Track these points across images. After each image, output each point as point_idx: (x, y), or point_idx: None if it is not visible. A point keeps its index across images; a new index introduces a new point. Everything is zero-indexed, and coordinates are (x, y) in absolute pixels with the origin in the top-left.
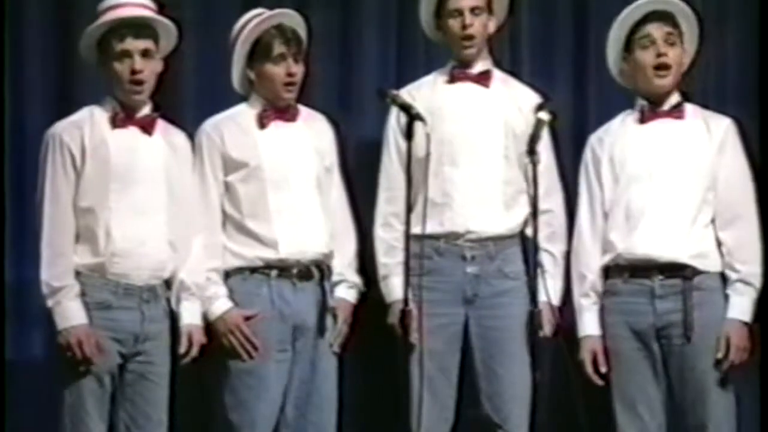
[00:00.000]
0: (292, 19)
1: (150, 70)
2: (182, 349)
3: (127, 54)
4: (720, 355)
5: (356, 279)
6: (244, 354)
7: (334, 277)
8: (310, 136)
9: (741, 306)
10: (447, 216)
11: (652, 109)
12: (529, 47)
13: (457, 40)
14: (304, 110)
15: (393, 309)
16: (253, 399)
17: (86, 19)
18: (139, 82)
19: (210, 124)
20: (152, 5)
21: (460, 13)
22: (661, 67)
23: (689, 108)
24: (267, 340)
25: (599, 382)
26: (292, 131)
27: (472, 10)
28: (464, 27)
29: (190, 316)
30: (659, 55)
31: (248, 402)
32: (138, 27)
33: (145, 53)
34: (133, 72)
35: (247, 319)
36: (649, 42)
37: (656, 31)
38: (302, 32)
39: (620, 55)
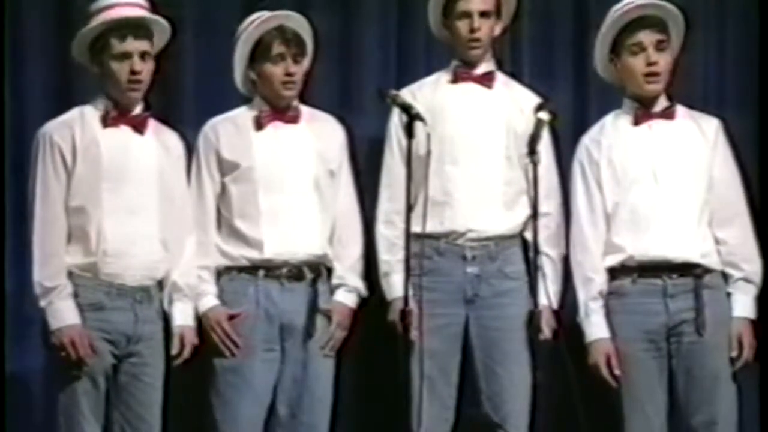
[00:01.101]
0: (295, 21)
1: (147, 70)
2: (174, 351)
3: (127, 55)
4: (735, 354)
5: (357, 283)
6: (225, 351)
7: (335, 280)
8: (312, 138)
9: (747, 304)
10: (447, 215)
11: (644, 110)
12: (529, 48)
13: (463, 42)
14: (309, 112)
15: (393, 306)
16: (236, 397)
17: (86, 17)
18: (137, 82)
19: (209, 125)
20: (146, 4)
21: (468, 15)
22: (652, 75)
23: (679, 109)
24: (251, 339)
25: (614, 384)
26: (292, 133)
27: (482, 13)
28: (472, 30)
29: (182, 317)
30: (650, 63)
31: (231, 400)
32: (137, 27)
33: (143, 55)
34: (133, 72)
35: (232, 317)
36: (639, 49)
37: (647, 38)
38: (306, 34)
39: (607, 57)
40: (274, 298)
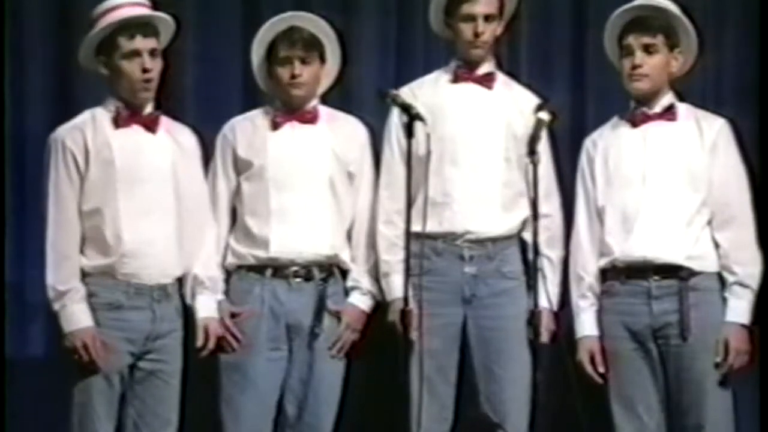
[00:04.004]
0: (309, 22)
1: (157, 68)
2: (199, 343)
3: (137, 53)
4: (718, 359)
5: (372, 287)
6: (226, 347)
7: (349, 283)
8: (330, 139)
9: (739, 309)
10: (446, 215)
11: (644, 111)
12: (527, 49)
13: (466, 44)
14: (330, 113)
15: (393, 306)
16: (237, 394)
17: (87, 20)
18: (149, 81)
19: (229, 124)
20: (148, 3)
21: (473, 18)
22: (634, 76)
23: (682, 109)
24: (254, 337)
25: (599, 380)
26: (309, 133)
27: (486, 17)
28: (476, 34)
29: (205, 309)
30: (634, 66)
31: (232, 397)
32: (145, 26)
33: (152, 52)
34: (145, 71)
35: (235, 315)
36: (628, 52)
37: (635, 41)
38: (323, 36)
39: (616, 57)
40: (280, 297)
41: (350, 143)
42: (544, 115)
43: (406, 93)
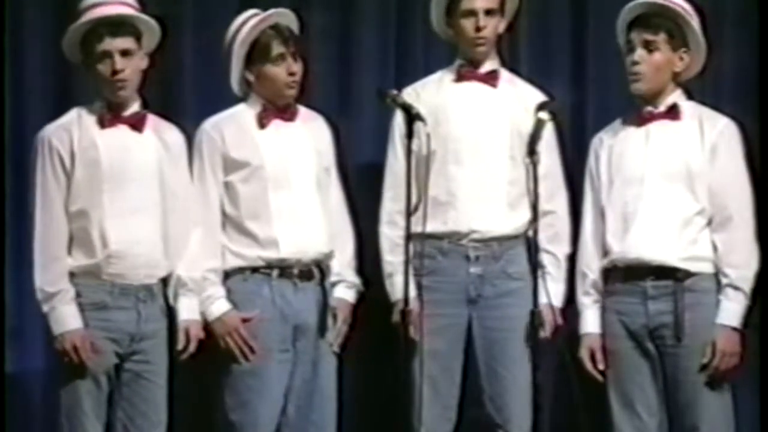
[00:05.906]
0: (286, 17)
1: (132, 68)
2: (180, 345)
3: (107, 54)
4: (705, 361)
5: (355, 279)
6: (241, 357)
7: (333, 277)
8: (309, 136)
9: (730, 312)
10: (451, 215)
11: (650, 110)
12: (527, 46)
13: (468, 40)
14: (302, 110)
15: (398, 307)
16: (255, 399)
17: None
18: (122, 81)
19: (210, 124)
20: (132, 2)
21: (473, 14)
22: (632, 77)
23: (687, 108)
24: (268, 341)
25: (599, 377)
26: (292, 131)
27: (486, 11)
28: (478, 29)
29: (187, 311)
30: (633, 63)
31: (250, 402)
32: (116, 26)
33: (125, 52)
34: (114, 72)
35: (246, 321)
36: (630, 48)
37: (636, 37)
38: (296, 30)
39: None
40: (288, 299)
41: (323, 139)
42: (544, 115)
43: (409, 93)
